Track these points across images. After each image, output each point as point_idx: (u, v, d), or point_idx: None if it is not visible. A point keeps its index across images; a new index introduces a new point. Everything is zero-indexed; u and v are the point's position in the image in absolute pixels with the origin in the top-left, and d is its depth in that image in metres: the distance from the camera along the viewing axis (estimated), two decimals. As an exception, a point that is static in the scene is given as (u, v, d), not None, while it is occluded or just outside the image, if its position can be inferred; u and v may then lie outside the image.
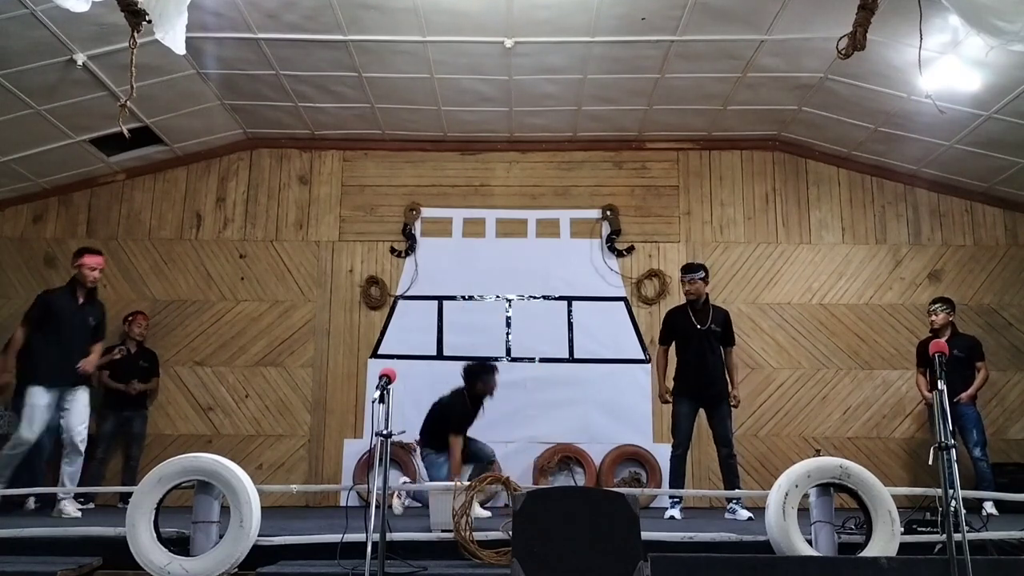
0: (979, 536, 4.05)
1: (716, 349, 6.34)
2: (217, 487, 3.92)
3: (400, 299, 8.53)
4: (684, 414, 6.29)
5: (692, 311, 6.40)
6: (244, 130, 8.65)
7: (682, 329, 6.42)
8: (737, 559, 3.42)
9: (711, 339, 6.32)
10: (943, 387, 3.51)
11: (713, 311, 6.42)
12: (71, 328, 6.01)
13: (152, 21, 4.80)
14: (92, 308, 6.21)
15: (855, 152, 8.56)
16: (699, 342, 6.30)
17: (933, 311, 7.29)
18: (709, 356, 6.28)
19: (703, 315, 6.37)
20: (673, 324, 6.53)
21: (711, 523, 5.44)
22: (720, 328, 6.38)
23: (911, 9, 5.02)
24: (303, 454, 8.23)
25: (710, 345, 6.31)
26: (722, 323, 6.42)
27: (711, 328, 6.32)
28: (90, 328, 6.14)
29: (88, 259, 6.10)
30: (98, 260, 6.17)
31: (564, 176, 8.85)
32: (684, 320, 6.41)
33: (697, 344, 6.30)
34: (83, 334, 6.08)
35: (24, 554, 3.96)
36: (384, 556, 3.43)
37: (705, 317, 6.35)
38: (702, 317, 6.35)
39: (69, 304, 6.06)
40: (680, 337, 6.44)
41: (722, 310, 6.60)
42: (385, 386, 3.65)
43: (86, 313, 6.13)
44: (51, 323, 5.96)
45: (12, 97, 6.83)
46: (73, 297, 6.09)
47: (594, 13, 6.42)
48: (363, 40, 6.85)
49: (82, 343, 6.06)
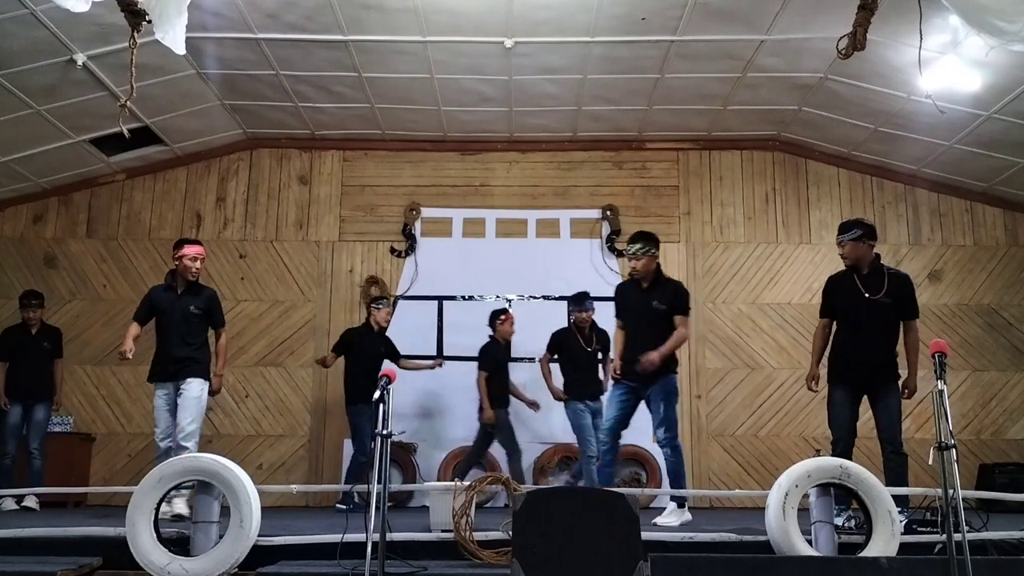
0: (979, 536, 4.05)
1: (886, 322, 5.18)
2: (217, 487, 3.92)
3: (400, 299, 8.53)
4: (840, 402, 5.22)
5: (858, 277, 5.24)
6: (244, 130, 8.65)
7: (845, 299, 5.26)
8: (737, 559, 3.42)
9: (882, 311, 5.15)
10: (943, 387, 3.50)
11: (889, 277, 5.22)
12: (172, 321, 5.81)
13: (152, 21, 4.81)
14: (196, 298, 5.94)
15: (855, 152, 8.56)
16: (867, 314, 5.16)
17: (631, 254, 5.71)
18: (877, 332, 5.15)
19: (875, 282, 5.18)
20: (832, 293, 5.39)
21: (712, 523, 5.44)
22: (894, 298, 5.18)
23: (911, 9, 5.02)
24: (303, 454, 8.23)
25: (879, 319, 5.16)
26: (897, 292, 5.20)
27: (881, 299, 5.15)
28: (194, 317, 5.89)
29: (188, 249, 5.89)
30: (198, 249, 5.95)
31: (564, 176, 8.85)
32: (849, 287, 5.24)
33: (860, 317, 5.17)
34: (187, 325, 5.84)
35: (24, 554, 3.95)
36: (384, 556, 3.42)
37: (879, 285, 5.17)
38: (874, 285, 5.17)
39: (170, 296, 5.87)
40: (841, 309, 5.31)
41: (900, 275, 5.36)
42: (385, 386, 3.65)
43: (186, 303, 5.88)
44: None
45: (12, 97, 6.83)
46: (171, 289, 5.90)
47: (594, 13, 6.42)
48: (363, 40, 6.85)
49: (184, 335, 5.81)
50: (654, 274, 5.66)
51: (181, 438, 5.56)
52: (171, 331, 5.77)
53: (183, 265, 5.83)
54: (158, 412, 5.70)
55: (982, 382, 8.29)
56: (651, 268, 5.64)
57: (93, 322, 8.40)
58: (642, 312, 5.64)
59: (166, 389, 5.72)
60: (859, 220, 5.41)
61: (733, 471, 8.12)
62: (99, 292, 8.47)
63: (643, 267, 5.62)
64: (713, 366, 8.39)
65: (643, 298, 5.66)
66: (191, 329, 5.81)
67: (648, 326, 5.58)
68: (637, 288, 5.73)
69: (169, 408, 5.68)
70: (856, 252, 5.22)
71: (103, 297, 8.50)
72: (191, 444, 5.53)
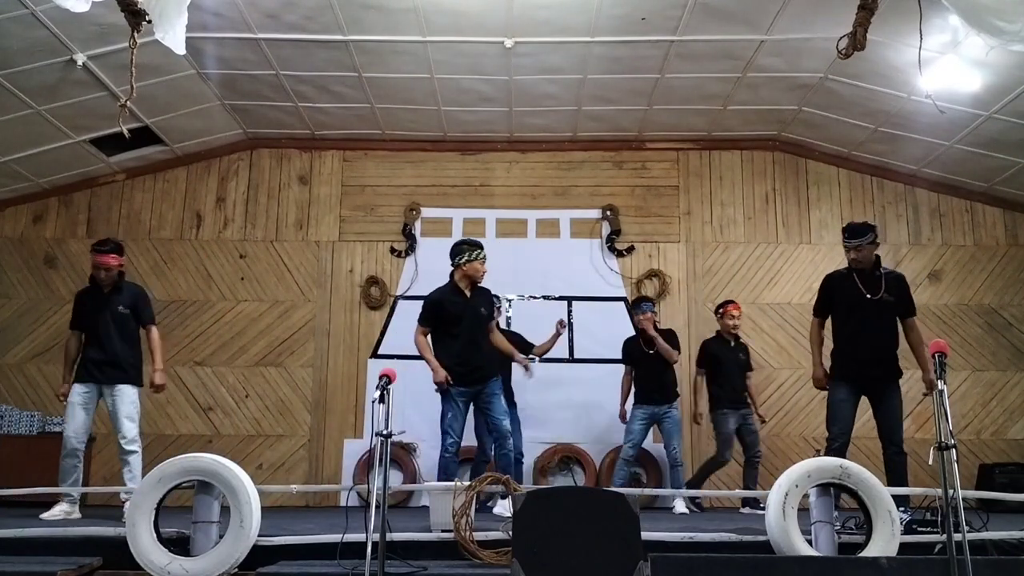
0: (979, 536, 4.05)
1: (889, 322, 5.31)
2: (217, 487, 3.92)
3: (400, 299, 8.53)
4: (844, 400, 5.28)
5: (859, 277, 5.35)
6: (244, 130, 8.65)
7: (848, 299, 5.34)
8: (737, 559, 3.42)
9: (885, 310, 5.29)
10: (943, 387, 3.51)
11: (886, 277, 5.36)
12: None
13: (152, 21, 4.81)
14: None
15: (855, 152, 8.56)
16: (872, 314, 5.27)
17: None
18: (882, 331, 5.26)
19: (876, 282, 5.31)
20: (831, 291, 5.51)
21: (712, 522, 5.44)
22: (894, 297, 5.32)
23: (911, 9, 5.03)
24: (303, 454, 8.23)
25: (883, 318, 5.29)
26: (897, 292, 5.35)
27: (884, 298, 5.28)
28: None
29: (98, 259, 5.73)
30: (105, 260, 5.74)
31: (564, 176, 8.85)
32: (850, 287, 5.34)
33: (865, 316, 5.27)
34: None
35: (24, 554, 3.95)
36: (384, 556, 3.43)
37: (879, 285, 5.30)
38: (875, 285, 5.30)
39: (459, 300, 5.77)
40: (844, 309, 5.40)
41: (896, 274, 5.53)
42: (385, 386, 3.66)
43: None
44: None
45: (12, 97, 6.83)
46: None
47: (594, 13, 6.42)
48: (363, 40, 6.85)
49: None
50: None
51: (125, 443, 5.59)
52: (99, 332, 5.68)
53: (95, 271, 5.75)
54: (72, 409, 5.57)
55: (982, 382, 8.29)
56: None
57: (93, 322, 8.40)
58: None
59: (87, 389, 5.63)
60: (869, 224, 5.48)
61: (733, 471, 8.09)
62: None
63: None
64: (713, 366, 8.37)
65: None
66: (121, 329, 5.74)
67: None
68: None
69: (84, 407, 5.60)
70: (869, 255, 5.32)
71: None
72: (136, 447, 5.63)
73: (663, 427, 7.02)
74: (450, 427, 5.58)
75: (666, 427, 6.99)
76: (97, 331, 5.70)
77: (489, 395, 5.68)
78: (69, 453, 5.49)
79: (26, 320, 8.41)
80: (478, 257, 5.78)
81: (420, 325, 5.79)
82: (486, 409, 5.71)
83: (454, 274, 5.84)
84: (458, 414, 5.62)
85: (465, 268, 5.76)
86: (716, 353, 7.26)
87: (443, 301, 5.73)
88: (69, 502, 5.43)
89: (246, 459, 7.89)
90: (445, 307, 5.71)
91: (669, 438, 6.98)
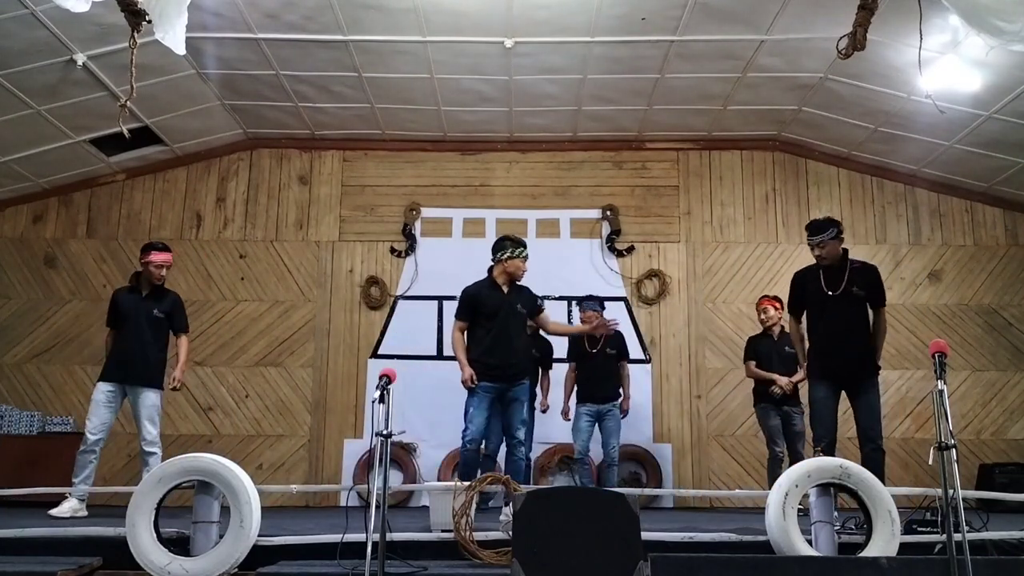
0: (979, 536, 4.05)
1: (858, 316, 5.30)
2: (217, 487, 3.92)
3: (400, 299, 8.53)
4: (824, 398, 5.25)
5: (824, 273, 5.37)
6: (244, 130, 8.65)
7: (816, 295, 5.35)
8: (737, 559, 3.41)
9: (853, 303, 5.27)
10: (943, 387, 3.51)
11: (853, 270, 5.34)
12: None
13: (152, 21, 4.81)
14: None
15: (855, 152, 8.56)
16: (841, 308, 5.26)
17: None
18: (851, 325, 5.25)
19: (841, 276, 5.30)
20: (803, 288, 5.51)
21: (712, 523, 5.44)
22: (863, 289, 5.30)
23: (911, 9, 5.03)
24: (303, 454, 8.23)
25: (851, 311, 5.27)
26: (864, 284, 5.32)
27: (854, 292, 5.27)
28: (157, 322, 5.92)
29: (155, 256, 5.82)
30: (165, 257, 5.84)
31: (564, 176, 8.85)
32: (815, 284, 5.37)
33: (834, 311, 5.26)
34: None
35: (24, 554, 3.95)
36: (384, 556, 3.43)
37: (845, 278, 5.27)
38: (841, 279, 5.28)
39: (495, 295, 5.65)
40: (813, 305, 5.41)
41: (867, 265, 5.48)
42: (385, 386, 3.65)
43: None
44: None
45: (12, 97, 6.83)
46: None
47: (594, 13, 6.42)
48: (363, 40, 6.85)
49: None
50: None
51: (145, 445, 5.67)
52: (130, 333, 5.76)
53: (148, 271, 5.83)
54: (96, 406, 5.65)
55: (982, 382, 8.29)
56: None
57: (93, 322, 8.37)
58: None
59: (111, 387, 5.70)
60: (832, 219, 5.46)
61: (733, 471, 8.11)
62: (99, 292, 8.46)
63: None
64: (713, 366, 8.38)
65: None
66: (155, 333, 5.83)
67: None
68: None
69: (107, 405, 5.67)
70: (834, 250, 5.31)
71: (103, 297, 8.44)
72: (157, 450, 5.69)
73: (604, 425, 6.91)
74: (471, 420, 5.44)
75: (607, 425, 6.90)
76: (130, 331, 5.76)
77: (512, 399, 5.56)
78: (87, 448, 5.57)
79: (26, 320, 8.42)
80: (520, 255, 5.68)
81: (457, 320, 5.70)
82: (506, 412, 5.60)
83: (493, 269, 5.76)
84: (480, 408, 5.46)
85: (506, 264, 5.65)
86: (756, 348, 7.13)
87: (480, 294, 5.65)
88: (78, 499, 5.48)
89: (246, 459, 7.89)
90: (481, 300, 5.61)
91: (608, 436, 6.88)
